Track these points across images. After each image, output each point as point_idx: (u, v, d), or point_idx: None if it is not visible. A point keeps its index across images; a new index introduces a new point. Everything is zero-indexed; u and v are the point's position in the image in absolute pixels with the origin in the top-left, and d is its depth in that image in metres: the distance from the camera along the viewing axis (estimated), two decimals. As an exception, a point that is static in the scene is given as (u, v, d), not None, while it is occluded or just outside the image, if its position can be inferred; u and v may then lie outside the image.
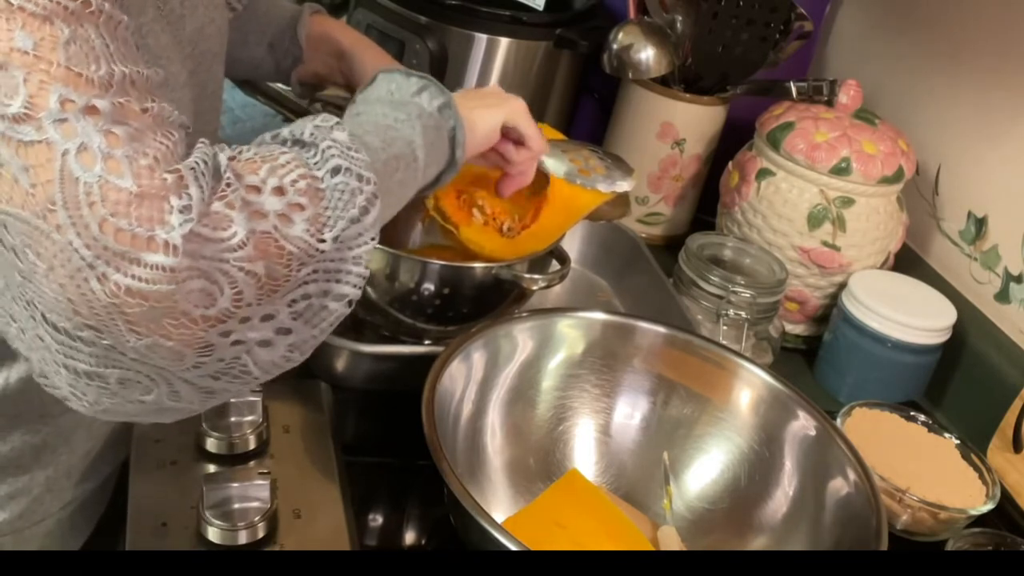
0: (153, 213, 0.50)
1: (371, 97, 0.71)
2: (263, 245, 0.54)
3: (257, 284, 0.54)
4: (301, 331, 0.58)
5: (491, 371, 0.81)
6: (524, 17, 1.23)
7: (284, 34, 0.95)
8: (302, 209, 0.56)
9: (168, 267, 0.50)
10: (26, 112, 0.48)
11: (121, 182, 0.49)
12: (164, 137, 0.52)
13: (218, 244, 0.52)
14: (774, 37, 1.20)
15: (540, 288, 0.89)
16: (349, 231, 0.58)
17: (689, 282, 1.06)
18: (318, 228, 0.56)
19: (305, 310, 0.58)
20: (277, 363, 0.58)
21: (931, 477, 0.89)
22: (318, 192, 0.57)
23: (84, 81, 0.50)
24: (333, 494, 0.75)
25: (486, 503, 0.77)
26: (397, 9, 1.21)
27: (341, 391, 0.87)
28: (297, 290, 0.57)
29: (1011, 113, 1.07)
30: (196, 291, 0.52)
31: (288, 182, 0.56)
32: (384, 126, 0.67)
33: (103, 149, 0.49)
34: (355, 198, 0.58)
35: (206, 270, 0.52)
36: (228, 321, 0.54)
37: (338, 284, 0.59)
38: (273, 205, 0.55)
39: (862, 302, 1.04)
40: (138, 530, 0.70)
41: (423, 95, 0.71)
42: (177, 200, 0.51)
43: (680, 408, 0.85)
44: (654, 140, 1.24)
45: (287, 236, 0.55)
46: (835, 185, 1.07)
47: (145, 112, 0.52)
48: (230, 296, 0.53)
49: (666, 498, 0.82)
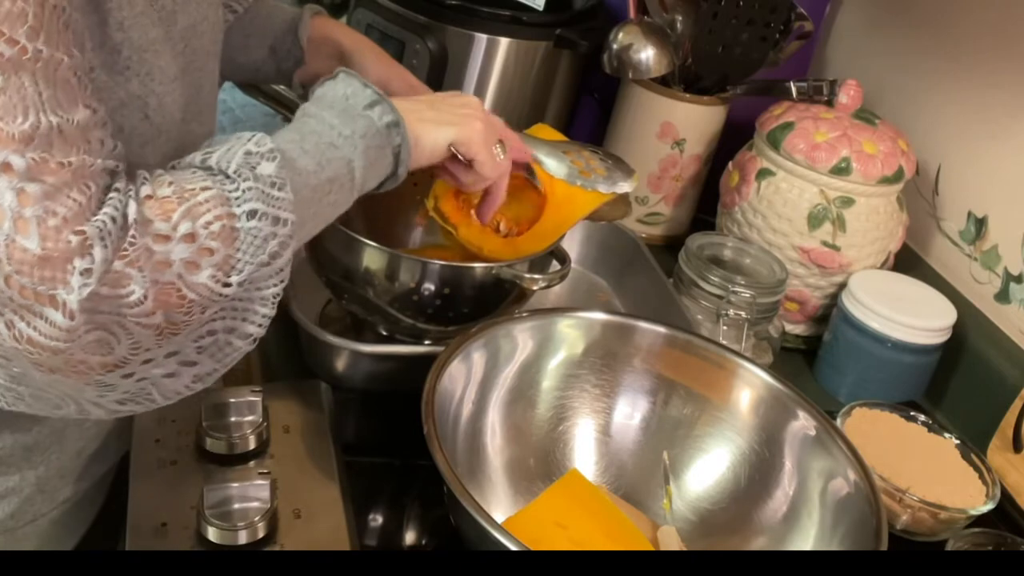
0: (56, 274, 0.51)
1: (326, 99, 0.71)
2: (163, 296, 0.55)
3: (156, 332, 0.55)
4: (206, 364, 0.60)
5: (491, 371, 0.81)
6: (524, 17, 1.23)
7: (285, 36, 0.95)
8: (211, 254, 0.56)
9: (64, 327, 0.52)
10: None
11: (27, 243, 0.50)
12: (79, 192, 0.52)
13: (116, 301, 0.53)
14: (774, 37, 1.20)
15: (540, 288, 0.89)
16: (257, 274, 0.59)
17: (689, 282, 1.06)
18: (225, 272, 0.57)
19: (210, 345, 0.59)
20: (180, 392, 0.61)
21: (931, 477, 0.89)
22: (232, 233, 0.57)
23: (5, 136, 0.50)
24: (333, 494, 0.75)
25: (486, 503, 0.77)
26: (397, 9, 1.20)
27: (341, 391, 0.87)
28: (203, 327, 0.58)
29: (1011, 113, 1.07)
30: (93, 342, 0.53)
31: (201, 225, 0.56)
32: (326, 144, 0.67)
33: (13, 208, 0.50)
34: (267, 243, 0.59)
35: (103, 323, 0.53)
36: (127, 365, 0.55)
37: (244, 323, 0.60)
38: (180, 253, 0.55)
39: (862, 302, 1.04)
40: (138, 530, 0.70)
41: (375, 109, 0.71)
42: (80, 262, 0.52)
43: (680, 408, 0.85)
44: (654, 140, 1.24)
45: (190, 284, 0.56)
46: (835, 185, 1.07)
47: (63, 167, 0.52)
48: (127, 345, 0.55)
49: (666, 498, 0.82)
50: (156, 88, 0.64)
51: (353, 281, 0.87)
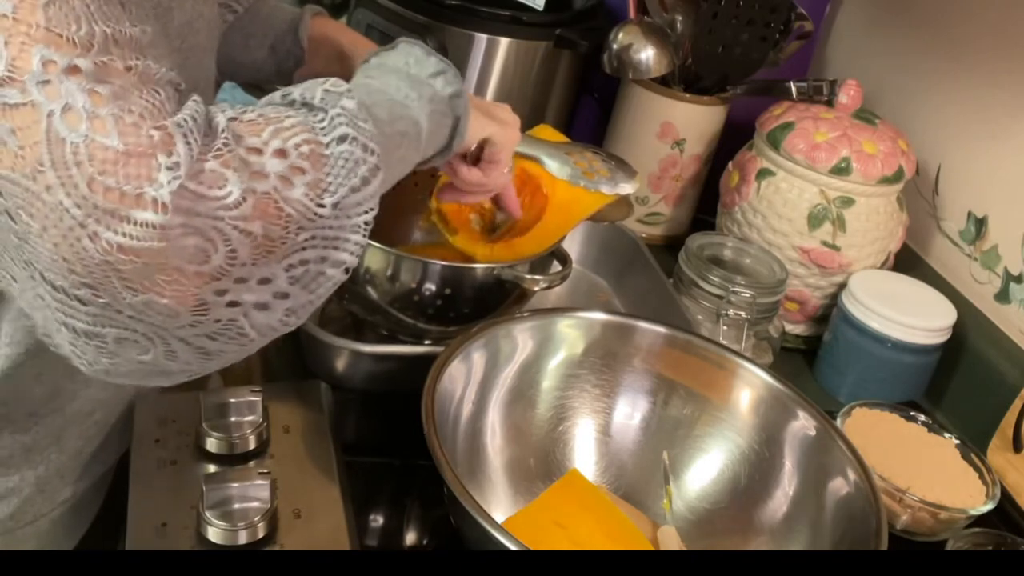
0: (141, 171, 0.50)
1: (388, 65, 0.71)
2: (261, 205, 0.54)
3: (253, 244, 0.54)
4: (298, 296, 0.58)
5: (491, 371, 0.81)
6: (524, 17, 1.23)
7: (285, 36, 0.95)
8: (303, 173, 0.56)
9: (158, 224, 0.50)
10: (9, 75, 0.48)
11: (107, 140, 0.49)
12: (150, 94, 0.52)
13: (213, 202, 0.52)
14: (774, 37, 1.20)
15: (541, 289, 0.89)
16: (349, 199, 0.58)
17: (689, 282, 1.06)
18: (318, 193, 0.56)
19: (303, 275, 0.58)
20: (274, 326, 0.58)
21: (931, 477, 0.89)
22: (322, 158, 0.57)
23: (65, 41, 0.49)
24: (333, 494, 0.75)
25: (486, 503, 0.77)
26: (397, 9, 1.20)
27: (341, 391, 0.87)
28: (295, 255, 0.57)
29: (1011, 113, 1.07)
30: (190, 247, 0.52)
31: (292, 145, 0.56)
32: (395, 101, 0.67)
33: (87, 108, 0.49)
34: (358, 167, 0.58)
35: (200, 227, 0.52)
36: (223, 279, 0.54)
37: (336, 251, 0.59)
38: (274, 167, 0.55)
39: (862, 302, 1.04)
40: (138, 530, 0.70)
41: (439, 79, 0.71)
42: (165, 157, 0.50)
43: (680, 408, 0.85)
44: (654, 140, 1.24)
45: (287, 198, 0.55)
46: (835, 185, 1.07)
47: (129, 70, 0.52)
48: (224, 253, 0.53)
49: (666, 498, 0.82)
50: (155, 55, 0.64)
51: (354, 281, 0.87)
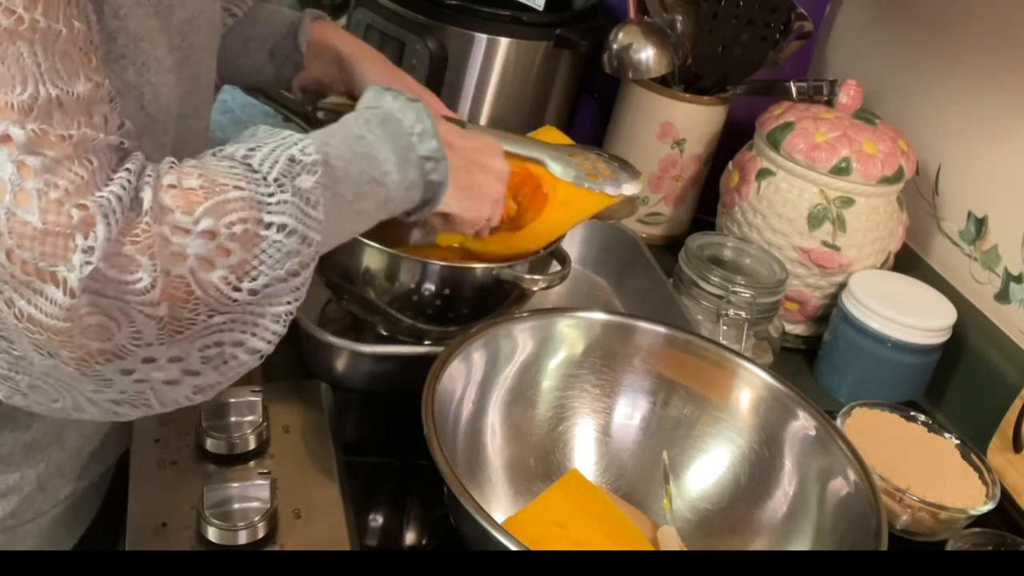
0: (57, 250, 0.50)
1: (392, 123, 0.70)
2: (171, 289, 0.53)
3: (159, 326, 0.54)
4: (208, 375, 0.58)
5: (491, 371, 0.81)
6: (524, 17, 1.23)
7: (285, 41, 0.94)
8: (228, 255, 0.55)
9: (65, 305, 0.50)
10: None
11: (28, 216, 0.49)
12: (81, 166, 0.51)
13: (121, 286, 0.52)
14: (774, 37, 1.20)
15: (540, 289, 0.89)
16: (272, 288, 0.57)
17: (689, 282, 1.06)
18: (238, 277, 0.55)
19: (215, 356, 0.58)
20: (179, 401, 0.59)
21: (931, 477, 0.89)
22: (255, 238, 0.56)
23: (5, 106, 0.49)
24: (333, 494, 0.75)
25: (486, 503, 0.77)
26: (397, 9, 1.20)
27: (341, 391, 0.87)
28: (210, 336, 0.56)
29: (1011, 113, 1.07)
30: (93, 326, 0.52)
31: (224, 224, 0.55)
32: (370, 178, 0.66)
33: (14, 181, 0.49)
34: (289, 259, 0.58)
35: (105, 308, 0.52)
36: (127, 358, 0.54)
37: (252, 338, 0.58)
38: (196, 248, 0.54)
39: (862, 302, 1.04)
40: (138, 530, 0.70)
41: (429, 164, 0.71)
42: (82, 239, 0.50)
43: (680, 408, 0.85)
44: (654, 140, 1.24)
45: (201, 282, 0.54)
46: (835, 185, 1.07)
47: (65, 140, 0.51)
48: (128, 334, 0.53)
49: (666, 498, 0.82)
50: (152, 78, 0.64)
51: (353, 281, 0.87)
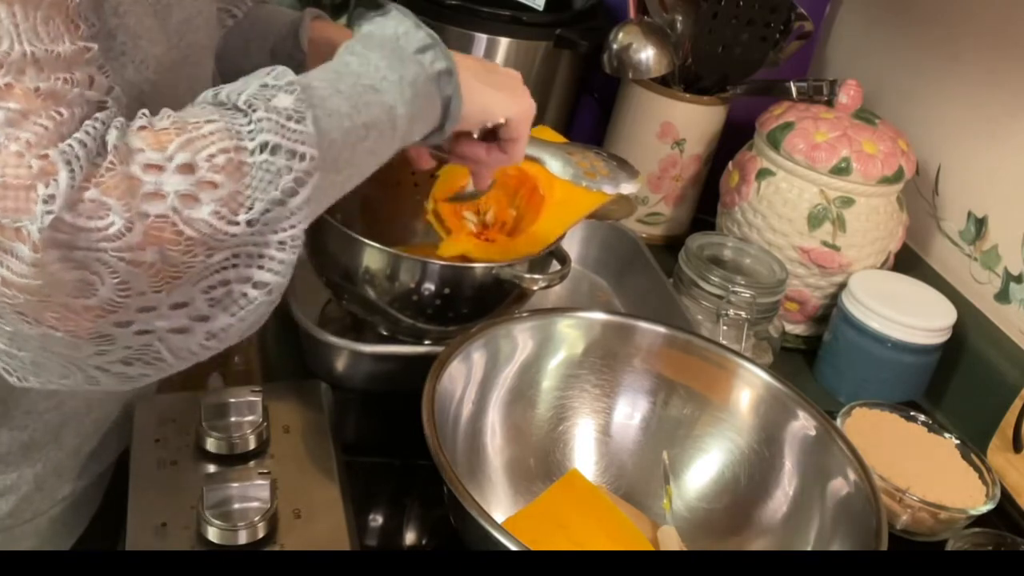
0: (19, 204, 0.48)
1: (374, 37, 0.67)
2: (154, 231, 0.50)
3: (150, 273, 0.51)
4: (219, 318, 0.55)
5: (491, 371, 0.81)
6: (524, 17, 1.23)
7: (286, 40, 0.94)
8: (214, 187, 0.52)
9: (30, 261, 0.48)
10: None
11: None
12: (47, 118, 0.49)
13: (92, 234, 0.49)
14: (774, 37, 1.20)
15: (540, 288, 0.89)
16: (271, 214, 0.54)
17: (689, 282, 1.06)
18: (231, 210, 0.53)
19: (223, 297, 0.55)
20: (194, 351, 0.56)
21: (931, 477, 0.89)
22: (240, 167, 0.53)
23: None
24: (333, 494, 0.75)
25: (486, 503, 0.77)
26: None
27: (341, 391, 0.87)
28: (214, 276, 0.54)
29: (1011, 113, 1.07)
30: (70, 282, 0.50)
31: (203, 157, 0.52)
32: (365, 86, 0.62)
33: None
34: (280, 178, 0.54)
35: (81, 260, 0.49)
36: (120, 311, 0.51)
37: (259, 271, 0.55)
38: (175, 185, 0.51)
39: (862, 302, 1.04)
40: (138, 530, 0.70)
41: (427, 54, 0.67)
42: (43, 189, 0.48)
43: (680, 408, 0.85)
44: (654, 140, 1.24)
45: (188, 219, 0.51)
46: (835, 185, 1.07)
47: (31, 92, 0.49)
48: (112, 286, 0.51)
49: (666, 498, 0.82)
50: (151, 76, 0.63)
51: (353, 281, 0.87)
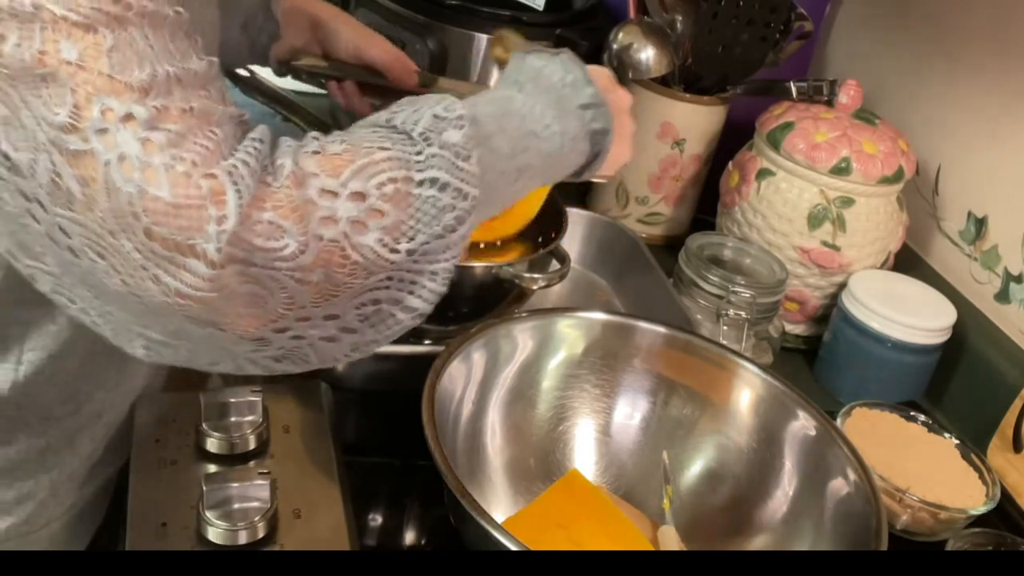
0: (192, 222, 0.50)
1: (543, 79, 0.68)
2: (324, 254, 0.53)
3: (314, 291, 0.54)
4: (367, 333, 0.58)
5: (491, 371, 0.81)
6: (524, 17, 1.23)
7: (257, 13, 0.96)
8: (381, 216, 0.54)
9: (208, 276, 0.51)
10: (72, 123, 0.49)
11: (159, 192, 0.50)
12: (205, 138, 0.52)
13: (268, 253, 0.52)
14: (774, 37, 1.20)
15: (540, 288, 0.89)
16: (429, 246, 0.57)
17: (689, 282, 1.06)
18: (395, 238, 0.55)
19: (373, 314, 0.57)
20: (338, 357, 0.59)
21: (931, 477, 0.89)
22: (408, 198, 0.55)
23: (125, 88, 0.50)
24: (333, 494, 0.75)
25: (486, 503, 0.77)
26: (397, 9, 1.20)
27: (341, 391, 0.87)
28: (366, 295, 0.56)
29: (1011, 113, 1.07)
30: (244, 295, 0.52)
31: (374, 185, 0.54)
32: (527, 131, 0.64)
33: (140, 158, 0.49)
34: (444, 215, 0.57)
35: (254, 276, 0.52)
36: (280, 320, 0.54)
37: (410, 296, 0.58)
38: (347, 211, 0.53)
39: (862, 302, 1.04)
40: (138, 530, 0.70)
41: (589, 111, 0.69)
42: (214, 210, 0.50)
43: (680, 408, 0.85)
44: (654, 140, 1.24)
45: (356, 245, 0.54)
46: (835, 185, 1.07)
47: (186, 112, 0.51)
48: (280, 300, 0.53)
49: (666, 498, 0.82)
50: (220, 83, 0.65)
51: (353, 281, 0.87)
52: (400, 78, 0.95)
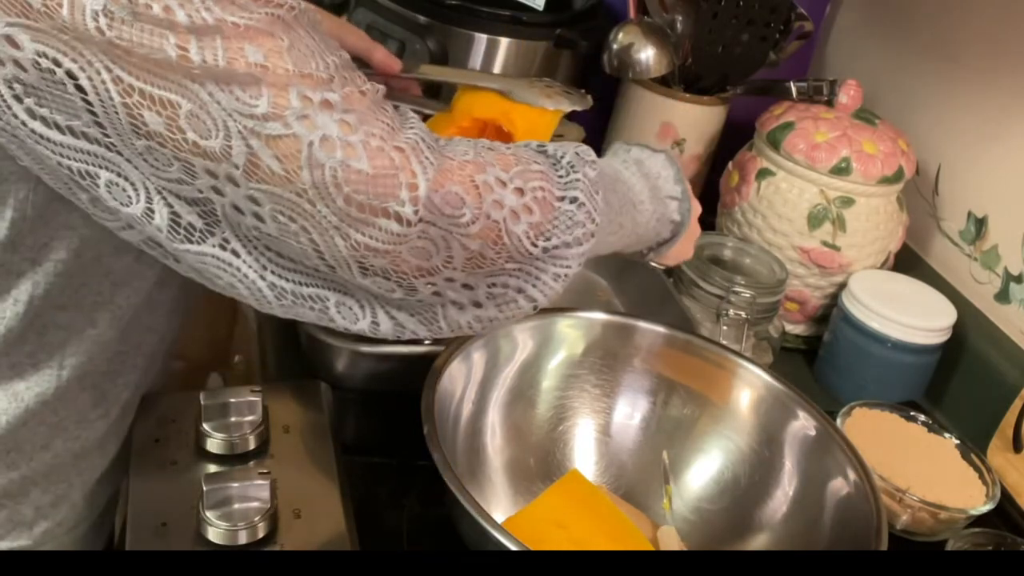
0: (387, 189, 0.58)
1: (645, 167, 0.77)
2: (487, 231, 0.62)
3: (467, 256, 0.62)
4: (489, 309, 0.67)
5: (491, 371, 0.81)
6: (524, 17, 1.23)
7: None
8: (530, 213, 0.64)
9: (399, 233, 0.59)
10: (272, 111, 0.55)
11: (358, 164, 0.57)
12: (382, 115, 0.59)
13: (449, 218, 0.61)
14: (774, 37, 1.20)
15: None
16: (559, 250, 0.66)
17: (689, 282, 1.06)
18: (538, 234, 0.64)
19: (499, 295, 0.66)
20: (461, 325, 0.67)
21: (931, 477, 0.89)
22: (551, 207, 0.65)
23: (313, 79, 0.56)
24: (333, 494, 0.75)
25: (486, 503, 0.77)
26: (397, 9, 1.20)
27: (341, 391, 0.87)
28: (500, 276, 0.65)
29: (1011, 113, 1.07)
30: (419, 248, 0.61)
31: (530, 187, 0.64)
32: (630, 201, 0.74)
33: (340, 137, 0.57)
34: (576, 228, 0.66)
35: (433, 236, 0.61)
36: (435, 275, 0.63)
37: (533, 287, 0.67)
38: (510, 201, 0.63)
39: (862, 302, 1.04)
40: (138, 530, 0.70)
41: (674, 203, 0.78)
42: (406, 177, 0.59)
43: (680, 408, 0.85)
44: (654, 140, 1.24)
45: (509, 231, 0.63)
46: (835, 185, 1.07)
47: (364, 94, 0.59)
48: (443, 257, 0.62)
49: (666, 498, 0.82)
50: None
51: (353, 281, 0.87)
52: (383, 64, 0.98)
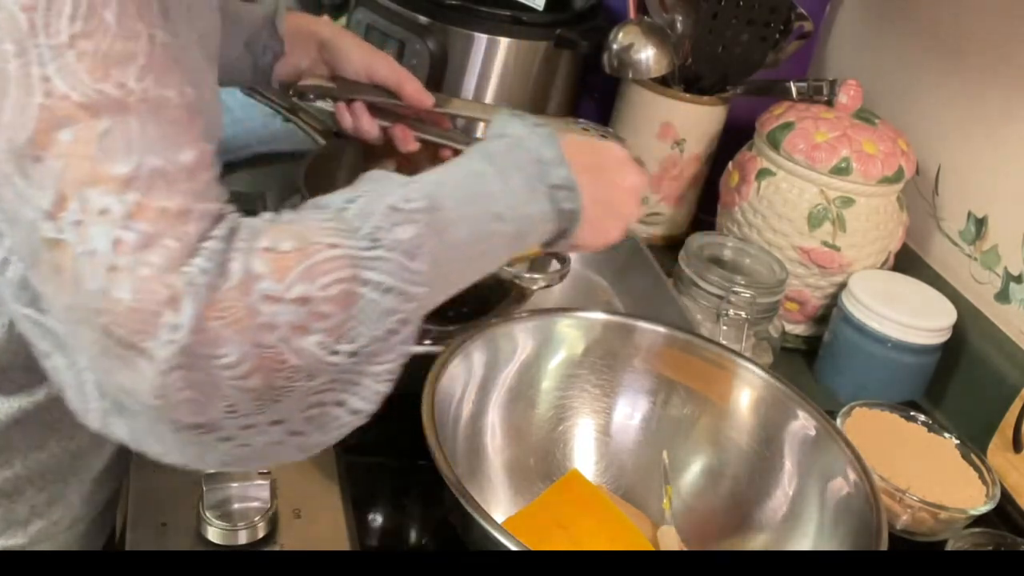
0: (146, 327, 0.50)
1: (521, 151, 0.67)
2: (261, 362, 0.52)
3: (254, 397, 0.52)
4: (313, 435, 0.57)
5: (491, 371, 0.81)
6: (524, 17, 1.23)
7: (260, 31, 0.95)
8: (324, 319, 0.53)
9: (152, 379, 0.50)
10: (52, 210, 0.49)
11: (120, 294, 0.49)
12: (174, 239, 0.50)
13: (210, 360, 0.51)
14: (774, 37, 1.20)
15: (540, 288, 0.89)
16: (370, 348, 0.55)
17: (689, 282, 1.06)
18: (334, 339, 0.53)
19: (317, 416, 0.56)
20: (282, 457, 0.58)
21: (931, 477, 0.89)
22: (351, 296, 0.54)
23: (108, 179, 0.49)
24: (333, 494, 0.75)
25: (486, 503, 0.77)
26: (397, 9, 1.20)
27: (341, 391, 0.87)
28: (312, 397, 0.55)
29: (1011, 113, 1.07)
30: (184, 401, 0.51)
31: (319, 287, 0.53)
32: (493, 214, 0.63)
33: (108, 257, 0.49)
34: (387, 318, 0.55)
35: (195, 382, 0.51)
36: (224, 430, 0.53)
37: (354, 398, 0.57)
38: (288, 316, 0.52)
39: (862, 302, 1.04)
40: (138, 530, 0.70)
41: (561, 192, 0.67)
42: (171, 316, 0.50)
43: (680, 408, 0.85)
44: (654, 140, 1.24)
45: (297, 349, 0.52)
46: (835, 185, 1.07)
47: (162, 212, 0.50)
48: (221, 408, 0.52)
49: (666, 498, 0.82)
50: None
51: (353, 281, 0.87)
52: (414, 98, 0.93)
